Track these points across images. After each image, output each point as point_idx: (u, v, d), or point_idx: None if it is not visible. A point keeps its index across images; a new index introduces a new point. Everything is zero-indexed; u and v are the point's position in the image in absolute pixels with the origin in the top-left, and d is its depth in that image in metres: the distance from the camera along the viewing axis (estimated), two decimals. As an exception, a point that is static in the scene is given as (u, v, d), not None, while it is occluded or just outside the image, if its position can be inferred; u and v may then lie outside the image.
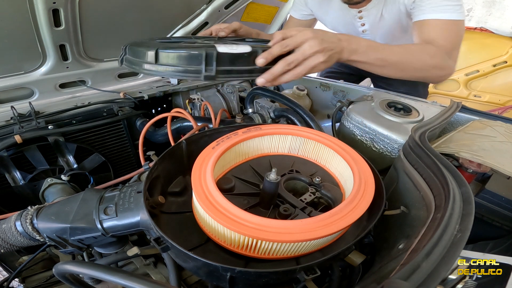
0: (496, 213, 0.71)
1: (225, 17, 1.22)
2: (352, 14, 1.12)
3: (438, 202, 0.44)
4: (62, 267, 0.37)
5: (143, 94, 1.09)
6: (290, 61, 0.61)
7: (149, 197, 0.54)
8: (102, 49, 1.04)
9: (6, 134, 0.80)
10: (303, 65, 0.62)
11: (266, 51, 0.61)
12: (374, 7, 1.06)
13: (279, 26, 1.49)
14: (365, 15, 1.11)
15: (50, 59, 0.92)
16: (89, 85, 1.10)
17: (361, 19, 1.13)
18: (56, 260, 0.75)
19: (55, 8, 0.79)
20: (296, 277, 0.43)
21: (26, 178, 0.82)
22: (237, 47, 0.61)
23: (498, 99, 2.46)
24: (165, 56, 0.61)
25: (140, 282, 0.31)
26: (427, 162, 0.53)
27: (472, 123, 0.81)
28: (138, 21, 1.01)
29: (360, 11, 1.09)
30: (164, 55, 0.61)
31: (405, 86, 1.43)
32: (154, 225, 0.46)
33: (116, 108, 1.00)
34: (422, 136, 0.63)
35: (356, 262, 0.48)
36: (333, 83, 1.32)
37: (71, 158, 0.89)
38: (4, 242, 0.55)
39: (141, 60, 0.63)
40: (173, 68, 0.61)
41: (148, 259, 0.66)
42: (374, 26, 1.15)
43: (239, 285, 0.46)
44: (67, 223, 0.51)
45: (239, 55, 0.60)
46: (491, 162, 0.64)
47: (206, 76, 0.59)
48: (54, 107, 0.93)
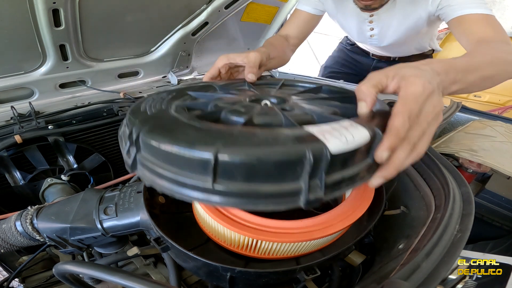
0: (496, 213, 0.71)
1: (225, 17, 1.22)
2: (362, 17, 1.11)
3: (438, 202, 0.44)
4: (62, 267, 0.37)
5: (143, 94, 1.09)
6: (415, 140, 0.38)
7: (149, 197, 0.54)
8: (102, 49, 1.04)
9: (6, 134, 0.79)
10: (427, 134, 0.40)
11: (389, 136, 0.36)
12: (386, 12, 1.04)
13: (279, 26, 1.49)
14: (376, 19, 1.10)
15: (50, 59, 0.92)
16: (89, 85, 1.10)
17: (371, 23, 1.12)
18: (56, 260, 0.75)
19: (55, 8, 0.79)
20: (296, 277, 0.43)
21: (26, 178, 0.82)
22: (345, 128, 0.33)
23: (498, 99, 2.46)
24: (231, 167, 0.28)
25: (140, 282, 0.31)
26: (427, 162, 0.53)
27: (472, 123, 0.81)
28: (138, 21, 1.01)
29: (372, 15, 1.08)
30: (231, 165, 0.28)
31: None
32: (154, 225, 0.46)
33: (116, 108, 1.00)
34: (423, 136, 0.63)
35: (356, 262, 0.48)
36: (333, 83, 1.32)
37: (71, 158, 0.89)
38: (4, 242, 0.55)
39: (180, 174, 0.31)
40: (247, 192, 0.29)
41: (148, 259, 0.66)
42: (382, 32, 1.14)
43: (239, 285, 0.46)
44: (67, 223, 0.51)
45: (356, 149, 0.32)
46: (491, 162, 0.64)
47: (310, 201, 0.30)
48: (54, 107, 0.93)
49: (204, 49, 1.36)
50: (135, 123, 0.35)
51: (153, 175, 0.32)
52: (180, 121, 0.35)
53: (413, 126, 0.37)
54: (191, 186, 0.29)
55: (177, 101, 0.46)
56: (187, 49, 1.26)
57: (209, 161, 0.27)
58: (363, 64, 1.54)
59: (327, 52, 1.81)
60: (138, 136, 0.33)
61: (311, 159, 0.28)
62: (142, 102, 0.44)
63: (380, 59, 1.45)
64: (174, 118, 0.36)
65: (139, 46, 1.15)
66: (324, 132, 0.31)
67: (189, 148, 0.28)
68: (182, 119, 0.36)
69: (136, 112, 0.39)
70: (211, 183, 0.28)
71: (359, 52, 1.52)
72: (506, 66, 0.65)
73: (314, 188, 0.29)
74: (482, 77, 0.60)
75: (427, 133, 0.40)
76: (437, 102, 0.40)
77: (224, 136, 0.30)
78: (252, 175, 0.28)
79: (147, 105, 0.42)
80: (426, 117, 0.39)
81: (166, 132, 0.32)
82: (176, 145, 0.29)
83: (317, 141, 0.29)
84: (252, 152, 0.28)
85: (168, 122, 0.35)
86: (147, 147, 0.32)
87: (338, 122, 0.34)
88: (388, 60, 1.43)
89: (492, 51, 0.69)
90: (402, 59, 1.39)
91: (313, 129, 0.32)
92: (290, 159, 0.28)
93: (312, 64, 4.02)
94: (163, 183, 0.31)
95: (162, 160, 0.31)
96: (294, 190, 0.29)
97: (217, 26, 1.25)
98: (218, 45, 1.40)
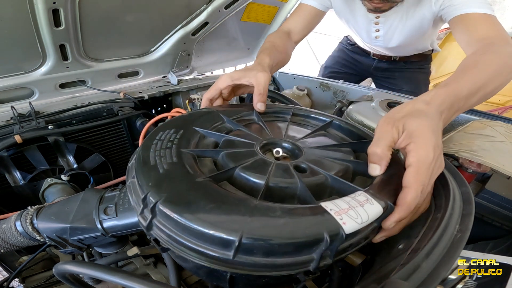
0: (496, 213, 0.71)
1: (225, 17, 1.22)
2: (368, 18, 1.10)
3: (438, 202, 0.44)
4: (62, 267, 0.37)
5: (143, 94, 1.09)
6: (418, 205, 0.39)
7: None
8: (102, 49, 1.04)
9: (6, 134, 0.79)
10: (430, 193, 0.43)
11: (400, 210, 0.37)
12: (393, 14, 1.04)
13: (279, 26, 1.49)
14: (382, 21, 1.09)
15: (50, 59, 0.92)
16: (89, 85, 1.10)
17: (376, 24, 1.12)
18: (56, 260, 0.75)
19: (55, 8, 0.79)
20: (296, 277, 0.43)
21: (26, 178, 0.82)
22: (360, 206, 0.35)
23: (498, 99, 2.47)
24: (252, 247, 0.30)
25: (140, 282, 0.31)
26: (427, 162, 0.53)
27: (472, 123, 0.81)
28: (138, 21, 1.01)
29: (378, 17, 1.07)
30: (253, 246, 0.30)
31: (408, 85, 1.43)
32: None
33: (116, 108, 1.00)
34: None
35: (356, 262, 0.48)
36: (333, 83, 1.32)
37: (71, 158, 0.89)
38: (4, 242, 0.55)
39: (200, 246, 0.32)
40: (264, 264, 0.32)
41: (148, 259, 0.66)
42: (388, 34, 1.14)
43: (239, 285, 0.45)
44: (67, 223, 0.51)
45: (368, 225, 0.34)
46: (491, 162, 0.64)
47: (319, 267, 0.33)
48: (54, 107, 0.93)
49: (204, 49, 1.36)
50: (148, 186, 0.35)
51: (171, 239, 0.33)
52: (197, 187, 0.36)
53: (422, 196, 0.39)
54: (211, 256, 0.31)
55: (185, 142, 0.46)
56: (187, 49, 1.26)
57: (233, 241, 0.29)
58: (363, 64, 1.54)
59: (327, 52, 1.81)
60: (154, 205, 0.33)
61: (327, 240, 0.31)
62: (150, 148, 0.43)
63: (380, 59, 1.45)
64: (190, 181, 0.37)
65: (139, 46, 1.15)
66: (341, 213, 0.33)
67: (213, 231, 0.30)
68: (199, 183, 0.36)
69: (146, 168, 0.39)
70: (231, 256, 0.30)
71: (360, 52, 1.52)
72: (509, 74, 0.64)
73: (325, 258, 0.33)
74: (485, 95, 0.60)
75: (430, 192, 0.42)
76: (442, 162, 0.42)
77: (245, 219, 0.31)
78: (272, 252, 0.31)
79: (156, 154, 0.42)
80: (433, 180, 0.41)
81: (186, 207, 0.32)
82: (200, 225, 0.30)
83: (335, 223, 0.32)
84: (273, 235, 0.30)
85: (185, 188, 0.35)
86: (165, 216, 0.33)
87: (354, 197, 0.36)
88: (388, 60, 1.43)
89: (495, 56, 0.66)
90: (403, 58, 1.39)
91: (330, 208, 0.34)
92: (308, 242, 0.31)
93: (312, 64, 4.02)
94: (181, 248, 0.33)
95: (181, 231, 0.32)
96: (307, 260, 0.32)
97: (217, 26, 1.25)
98: (218, 45, 1.41)
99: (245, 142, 0.48)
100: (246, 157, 0.43)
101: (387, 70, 1.47)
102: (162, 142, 0.45)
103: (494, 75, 0.61)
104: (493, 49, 0.69)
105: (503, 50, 0.68)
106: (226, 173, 0.40)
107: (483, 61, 0.63)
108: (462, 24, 0.81)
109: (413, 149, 0.39)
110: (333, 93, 1.32)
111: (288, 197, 0.39)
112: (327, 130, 0.61)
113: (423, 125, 0.41)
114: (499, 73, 0.62)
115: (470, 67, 0.60)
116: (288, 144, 0.50)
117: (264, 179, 0.38)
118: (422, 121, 0.42)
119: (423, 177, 0.38)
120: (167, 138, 0.46)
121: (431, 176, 0.40)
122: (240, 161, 0.42)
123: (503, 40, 0.72)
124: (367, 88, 1.25)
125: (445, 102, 0.48)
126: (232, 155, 0.44)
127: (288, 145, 0.50)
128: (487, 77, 0.59)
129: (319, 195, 0.40)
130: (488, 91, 0.60)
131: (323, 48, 3.50)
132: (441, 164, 0.42)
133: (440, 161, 0.42)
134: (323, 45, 3.58)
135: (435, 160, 0.39)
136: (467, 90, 0.53)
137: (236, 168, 0.41)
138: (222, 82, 0.64)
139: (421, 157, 0.39)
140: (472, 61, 0.63)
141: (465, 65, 0.62)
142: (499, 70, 0.62)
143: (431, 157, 0.39)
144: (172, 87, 1.19)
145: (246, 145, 0.47)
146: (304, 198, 0.38)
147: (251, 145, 0.47)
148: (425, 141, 0.40)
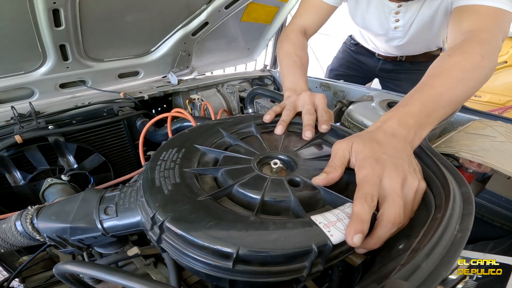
0: (496, 213, 0.71)
1: (225, 17, 1.22)
2: (389, 7, 1.05)
3: (438, 202, 0.44)
4: (62, 267, 0.37)
5: (143, 94, 1.09)
6: (398, 221, 0.40)
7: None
8: (102, 49, 1.04)
9: (6, 134, 0.80)
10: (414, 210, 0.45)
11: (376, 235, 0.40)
12: (416, 3, 0.99)
13: (279, 26, 1.49)
14: (403, 10, 1.04)
15: (50, 59, 0.92)
16: (89, 85, 1.10)
17: (397, 14, 1.06)
18: (56, 260, 0.75)
19: (55, 8, 0.79)
20: (296, 277, 0.43)
21: (26, 178, 0.82)
22: (348, 218, 0.39)
23: (498, 99, 2.47)
24: (249, 258, 0.35)
25: (140, 282, 0.31)
26: (427, 162, 0.53)
27: (472, 123, 0.81)
28: (138, 21, 1.01)
29: (400, 5, 1.02)
30: (249, 257, 0.35)
31: (413, 86, 1.42)
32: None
33: (116, 108, 1.00)
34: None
35: (356, 262, 0.48)
36: (333, 83, 1.33)
37: (71, 158, 0.89)
38: (4, 242, 0.55)
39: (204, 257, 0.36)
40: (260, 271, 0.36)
41: (148, 259, 0.66)
42: (408, 23, 1.09)
43: (239, 285, 0.46)
44: (67, 223, 0.51)
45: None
46: (491, 162, 0.64)
47: (311, 274, 0.37)
48: (54, 107, 0.93)
49: (204, 49, 1.36)
50: (156, 207, 0.40)
51: (178, 252, 0.38)
52: (199, 206, 0.40)
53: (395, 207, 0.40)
54: (213, 265, 0.36)
55: (187, 161, 0.50)
56: (187, 49, 1.26)
57: (232, 254, 0.34)
58: (368, 66, 1.51)
59: (327, 52, 1.81)
60: (162, 223, 0.38)
61: (316, 251, 0.35)
62: (155, 170, 0.47)
63: (386, 59, 1.42)
64: (192, 201, 0.41)
65: (139, 46, 1.15)
66: (329, 225, 0.37)
67: (214, 245, 0.35)
68: (200, 202, 0.41)
69: (153, 190, 0.43)
70: (231, 266, 0.34)
71: (364, 52, 1.49)
72: (479, 78, 0.60)
73: (316, 265, 0.36)
74: (455, 102, 0.58)
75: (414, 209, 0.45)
76: (413, 185, 0.43)
77: (242, 234, 0.36)
78: (266, 263, 0.35)
79: (161, 175, 0.46)
80: (412, 206, 0.44)
81: (189, 224, 0.37)
82: (202, 240, 0.35)
83: (323, 235, 0.36)
84: (267, 248, 0.35)
85: (187, 208, 0.40)
86: (172, 232, 0.38)
87: (343, 209, 0.40)
88: (394, 61, 1.41)
89: (463, 58, 0.61)
90: (409, 58, 1.36)
91: (320, 221, 0.38)
92: (299, 253, 0.35)
93: (312, 63, 4.01)
94: (188, 259, 0.37)
95: (187, 244, 0.37)
96: (299, 267, 0.36)
97: (217, 26, 1.25)
98: (218, 45, 1.41)
99: (242, 158, 0.51)
100: (243, 174, 0.47)
101: (393, 71, 1.45)
102: (166, 162, 0.49)
103: (457, 83, 0.58)
104: (466, 47, 0.63)
105: (476, 49, 0.62)
106: (225, 190, 0.44)
107: (446, 68, 0.60)
108: (456, 16, 0.76)
109: (386, 209, 0.40)
110: (333, 93, 1.33)
111: (282, 210, 0.42)
112: (323, 138, 0.62)
113: (396, 179, 0.42)
114: (464, 79, 0.59)
115: (434, 76, 0.59)
116: (284, 156, 0.53)
117: (260, 195, 0.42)
118: (366, 143, 0.47)
119: (396, 221, 0.39)
120: (170, 158, 0.50)
121: (380, 184, 0.42)
122: (237, 178, 0.45)
123: (487, 33, 0.66)
124: (367, 88, 1.25)
125: (412, 130, 0.50)
126: (230, 173, 0.47)
127: (284, 158, 0.53)
128: (450, 85, 0.57)
129: (312, 207, 0.43)
130: (454, 99, 0.57)
131: (323, 48, 3.50)
132: (396, 169, 0.43)
133: (391, 168, 0.43)
134: (323, 45, 3.58)
135: (380, 172, 0.42)
136: (423, 107, 0.54)
137: (234, 185, 0.44)
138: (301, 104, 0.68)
139: (360, 176, 0.43)
140: (437, 67, 0.61)
141: (428, 73, 0.61)
142: (465, 75, 0.59)
143: (370, 174, 0.42)
144: (172, 87, 1.19)
145: (244, 161, 0.50)
146: (297, 211, 0.41)
147: (248, 161, 0.50)
148: (364, 161, 0.44)
